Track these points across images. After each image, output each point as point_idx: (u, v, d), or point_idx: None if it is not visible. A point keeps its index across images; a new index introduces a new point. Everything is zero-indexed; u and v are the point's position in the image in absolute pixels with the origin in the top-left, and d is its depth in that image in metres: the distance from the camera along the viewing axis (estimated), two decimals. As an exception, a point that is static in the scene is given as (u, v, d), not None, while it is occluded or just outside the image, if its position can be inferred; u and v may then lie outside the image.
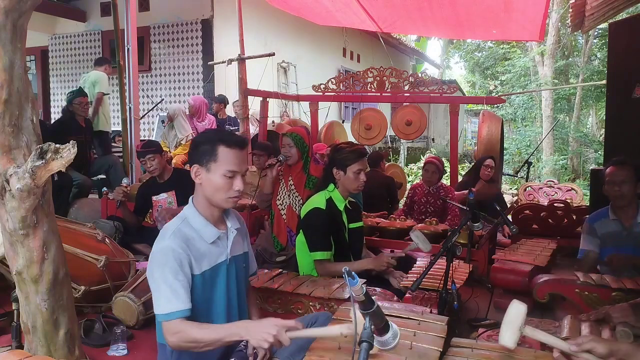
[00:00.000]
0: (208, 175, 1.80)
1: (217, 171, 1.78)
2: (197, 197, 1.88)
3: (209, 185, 1.81)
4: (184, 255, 1.73)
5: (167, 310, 1.67)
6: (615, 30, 4.34)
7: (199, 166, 1.81)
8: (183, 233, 1.79)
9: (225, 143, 1.79)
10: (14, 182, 1.74)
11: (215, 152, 1.78)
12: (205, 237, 1.82)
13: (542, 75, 15.01)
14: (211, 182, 1.80)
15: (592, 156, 14.55)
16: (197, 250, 1.79)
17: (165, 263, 1.71)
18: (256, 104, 6.26)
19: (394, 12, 5.53)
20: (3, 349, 2.37)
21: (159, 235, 1.82)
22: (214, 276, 1.83)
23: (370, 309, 1.28)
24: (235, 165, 1.79)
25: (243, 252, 2.00)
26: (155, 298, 1.71)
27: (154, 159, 3.89)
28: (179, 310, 1.67)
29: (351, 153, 2.88)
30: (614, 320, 2.07)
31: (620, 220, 3.11)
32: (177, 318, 1.67)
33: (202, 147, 1.81)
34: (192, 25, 8.08)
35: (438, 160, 5.00)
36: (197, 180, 1.83)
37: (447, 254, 2.35)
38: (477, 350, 1.67)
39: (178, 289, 1.69)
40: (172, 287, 1.68)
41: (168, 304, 1.67)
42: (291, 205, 3.69)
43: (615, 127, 4.30)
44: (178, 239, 1.75)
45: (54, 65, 9.41)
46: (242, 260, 1.98)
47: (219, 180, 1.78)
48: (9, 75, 1.73)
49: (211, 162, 1.78)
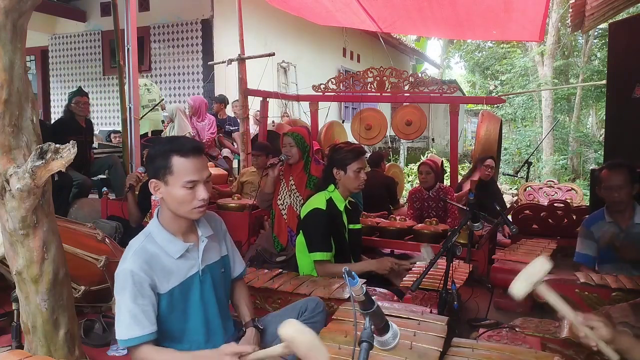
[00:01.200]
0: (167, 189, 1.71)
1: (175, 184, 1.69)
2: (162, 211, 1.80)
3: (171, 199, 1.72)
4: (144, 278, 1.66)
5: (126, 337, 1.64)
6: (615, 30, 4.33)
7: (157, 180, 1.72)
8: (146, 251, 1.72)
9: (179, 153, 1.69)
10: (14, 182, 1.74)
11: (170, 164, 1.69)
12: (170, 253, 1.75)
13: (542, 75, 15.02)
14: (172, 195, 1.71)
15: (592, 156, 14.55)
16: (162, 269, 1.72)
17: (124, 287, 1.65)
18: (256, 104, 6.26)
19: (394, 12, 5.54)
20: (3, 349, 2.37)
21: (123, 253, 1.76)
22: (186, 291, 1.78)
23: (370, 309, 1.28)
24: (193, 174, 1.70)
25: (220, 257, 1.93)
26: (118, 322, 1.68)
27: None
28: (138, 337, 1.64)
29: (350, 152, 2.89)
30: (614, 320, 2.07)
31: (617, 222, 3.10)
32: (138, 344, 1.65)
33: (157, 160, 1.71)
34: (192, 25, 8.08)
35: (432, 162, 5.00)
36: (157, 195, 1.74)
37: (447, 254, 2.35)
38: (477, 350, 1.67)
39: (137, 314, 1.64)
40: (132, 312, 1.64)
41: (127, 330, 1.64)
42: (292, 205, 3.69)
43: (615, 127, 4.29)
44: (140, 259, 1.68)
45: (54, 65, 9.42)
46: (219, 266, 1.91)
47: (180, 193, 1.70)
48: (9, 75, 1.73)
49: (168, 175, 1.70)
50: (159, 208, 1.82)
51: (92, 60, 9.02)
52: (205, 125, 6.72)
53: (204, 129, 6.70)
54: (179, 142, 1.75)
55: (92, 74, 9.05)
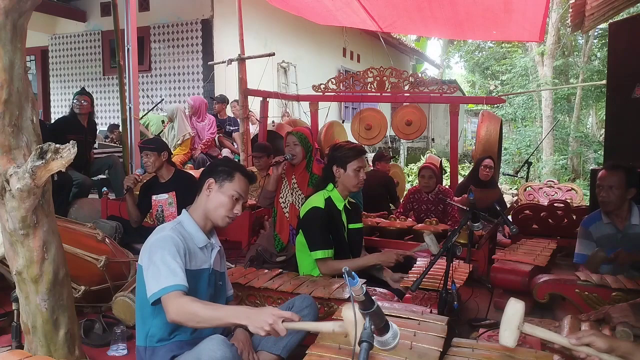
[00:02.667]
0: (218, 191, 1.97)
1: (228, 190, 1.97)
2: (195, 208, 2.02)
3: (215, 200, 1.97)
4: (181, 245, 1.85)
5: (167, 284, 1.73)
6: (615, 30, 4.33)
7: (214, 181, 1.99)
8: (179, 230, 1.93)
9: (242, 173, 2.03)
10: (14, 182, 1.74)
11: (233, 175, 1.99)
12: (196, 240, 1.96)
13: (542, 75, 15.02)
14: (218, 197, 1.97)
15: (592, 156, 14.54)
16: (189, 249, 1.90)
17: (165, 247, 1.81)
18: (256, 104, 6.26)
19: (394, 11, 5.54)
20: (3, 349, 2.37)
21: (154, 231, 1.94)
22: (198, 279, 1.93)
23: (370, 309, 1.28)
24: (243, 191, 2.01)
25: (221, 271, 2.11)
26: (153, 278, 1.76)
27: (150, 156, 3.90)
28: (178, 284, 1.73)
29: (350, 150, 2.90)
30: (614, 320, 2.07)
31: (614, 223, 3.10)
32: (176, 290, 1.72)
33: (222, 167, 2.02)
34: (192, 25, 8.08)
35: (434, 165, 5.00)
36: (206, 192, 1.99)
37: (447, 254, 2.35)
38: (477, 350, 1.67)
39: (177, 269, 1.77)
40: (171, 267, 1.76)
41: (167, 279, 1.74)
42: (294, 204, 3.70)
43: (615, 127, 4.29)
44: (176, 232, 1.89)
45: (54, 65, 9.42)
46: (220, 277, 2.08)
47: (226, 199, 1.96)
48: (9, 75, 1.73)
49: (226, 181, 1.98)
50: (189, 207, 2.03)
51: (92, 60, 9.02)
52: (206, 125, 6.71)
53: (204, 129, 6.70)
54: (244, 168, 2.13)
55: (92, 74, 9.05)
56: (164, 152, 4.00)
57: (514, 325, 1.45)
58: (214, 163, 2.14)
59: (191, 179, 4.18)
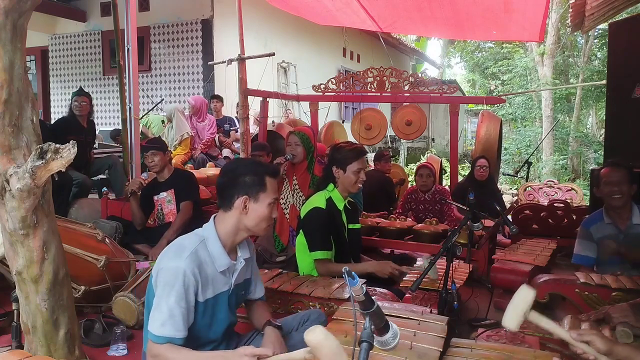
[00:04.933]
0: (256, 206, 1.83)
1: (264, 200, 1.84)
2: (224, 222, 1.86)
3: (254, 215, 1.83)
4: (192, 282, 1.72)
5: (158, 333, 1.68)
6: (615, 30, 4.33)
7: (248, 197, 1.83)
8: (199, 256, 1.77)
9: (270, 174, 1.87)
10: (14, 182, 1.74)
11: (264, 182, 1.84)
12: (216, 265, 1.82)
13: (542, 75, 15.02)
14: (257, 212, 1.83)
15: (592, 156, 14.54)
16: (206, 277, 1.78)
17: (172, 284, 1.69)
18: (256, 104, 6.25)
19: (394, 12, 5.53)
20: (3, 349, 2.37)
21: (174, 250, 1.79)
22: (216, 304, 1.84)
23: (370, 309, 1.28)
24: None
25: (244, 280, 1.99)
26: (152, 314, 1.72)
27: (156, 155, 3.91)
28: (169, 337, 1.68)
29: (351, 152, 2.89)
30: (614, 320, 2.07)
31: (615, 223, 3.09)
32: (165, 343, 1.68)
33: (250, 177, 1.84)
34: (192, 25, 8.08)
35: (431, 165, 5.01)
36: (243, 211, 1.83)
37: (447, 254, 2.35)
38: (477, 350, 1.67)
39: (176, 315, 1.68)
40: (172, 312, 1.68)
41: (161, 326, 1.68)
42: (295, 205, 3.69)
43: (615, 127, 4.29)
44: (193, 262, 1.73)
45: (54, 65, 9.42)
46: (242, 288, 1.99)
47: (265, 210, 1.84)
48: (9, 75, 1.73)
49: (260, 193, 1.83)
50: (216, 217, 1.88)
51: (92, 60, 9.01)
52: (206, 126, 6.71)
53: (204, 129, 6.70)
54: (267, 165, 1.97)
55: (92, 74, 9.04)
56: (167, 151, 4.03)
57: (520, 309, 1.45)
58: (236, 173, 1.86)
59: (190, 176, 4.19)
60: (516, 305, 1.47)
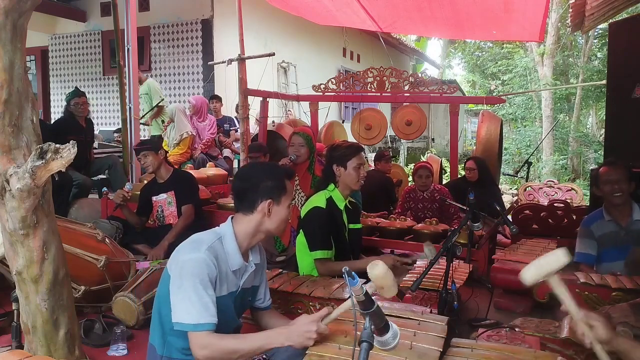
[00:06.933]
0: (278, 209, 1.88)
1: (285, 203, 1.90)
2: (244, 224, 1.87)
3: (276, 218, 1.88)
4: (214, 272, 1.74)
5: (197, 322, 1.67)
6: (615, 30, 4.33)
7: (273, 200, 1.86)
8: (216, 250, 1.78)
9: (288, 177, 1.95)
10: (14, 182, 1.73)
11: (284, 186, 1.90)
12: (230, 263, 1.83)
13: (542, 75, 15.02)
14: (279, 214, 1.89)
15: (592, 156, 14.55)
16: (221, 273, 1.79)
17: (198, 274, 1.69)
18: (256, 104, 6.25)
19: (394, 12, 5.54)
20: (3, 349, 2.37)
21: (191, 243, 1.79)
22: (224, 302, 1.83)
23: (370, 309, 1.28)
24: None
25: (252, 286, 1.99)
26: (183, 306, 1.69)
27: (147, 156, 3.90)
28: (208, 323, 1.68)
29: (348, 149, 2.93)
30: (614, 320, 2.07)
31: (616, 220, 3.11)
32: (205, 330, 1.67)
33: (272, 182, 1.87)
34: (192, 25, 8.08)
35: (429, 164, 5.01)
36: (267, 215, 1.86)
37: (447, 254, 2.35)
38: (477, 350, 1.67)
39: (208, 303, 1.69)
40: (203, 299, 1.68)
41: (199, 315, 1.67)
42: (296, 205, 3.69)
43: (615, 127, 4.29)
44: (212, 254, 1.75)
45: (54, 65, 9.41)
46: (249, 294, 1.99)
47: (286, 212, 1.90)
48: (9, 75, 1.73)
49: (282, 196, 1.89)
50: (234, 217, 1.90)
51: (92, 60, 9.01)
52: (206, 126, 6.72)
53: (205, 129, 6.70)
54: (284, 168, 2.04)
55: (92, 74, 9.04)
56: (160, 150, 4.01)
57: (545, 270, 1.43)
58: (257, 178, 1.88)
59: (190, 178, 4.19)
60: (542, 264, 1.44)
